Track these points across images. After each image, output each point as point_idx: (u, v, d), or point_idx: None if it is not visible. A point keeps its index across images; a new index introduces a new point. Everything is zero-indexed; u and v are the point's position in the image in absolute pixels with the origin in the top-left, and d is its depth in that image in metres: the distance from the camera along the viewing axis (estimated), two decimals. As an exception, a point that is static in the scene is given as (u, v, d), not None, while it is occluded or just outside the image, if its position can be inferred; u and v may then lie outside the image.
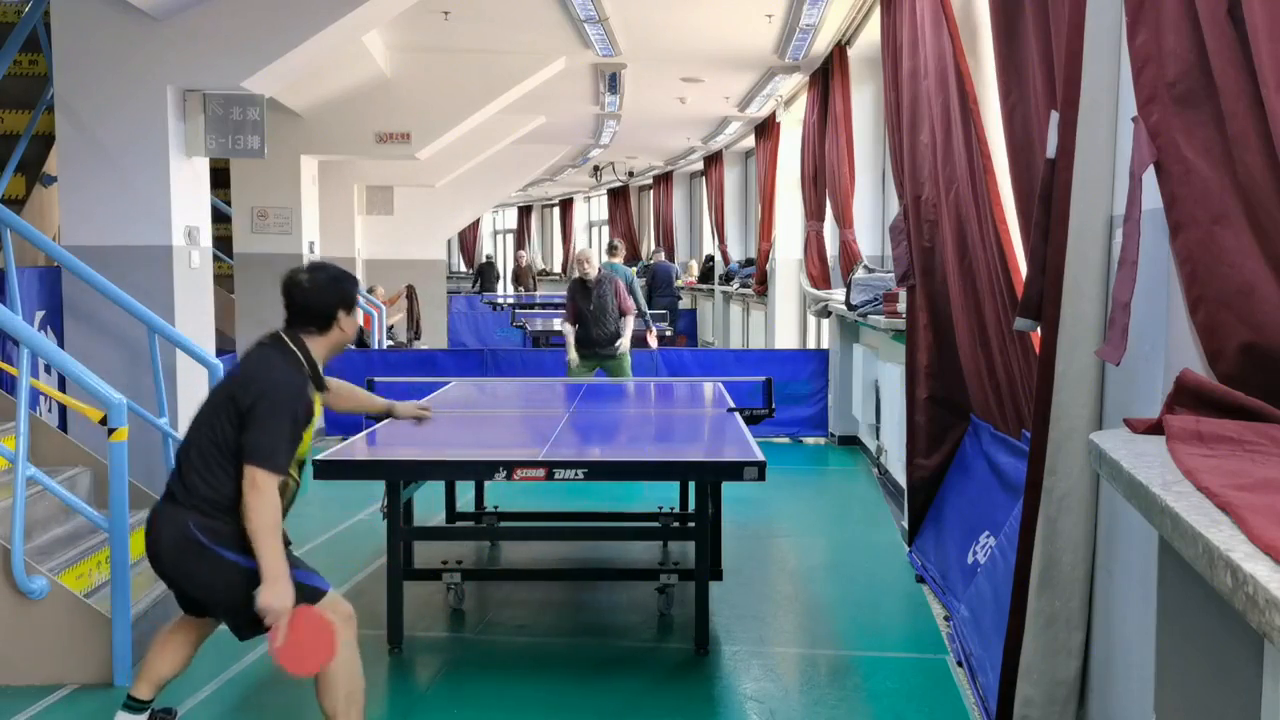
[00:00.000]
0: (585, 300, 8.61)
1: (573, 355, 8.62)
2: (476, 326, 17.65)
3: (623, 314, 8.65)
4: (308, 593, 3.26)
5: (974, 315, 4.65)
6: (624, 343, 8.66)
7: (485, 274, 23.77)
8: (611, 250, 11.41)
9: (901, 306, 6.13)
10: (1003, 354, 4.34)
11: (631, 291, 11.08)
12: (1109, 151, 2.98)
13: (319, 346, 3.46)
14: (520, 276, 24.17)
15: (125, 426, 4.27)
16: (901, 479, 6.50)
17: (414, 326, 13.95)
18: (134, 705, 3.49)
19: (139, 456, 5.61)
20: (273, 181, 9.27)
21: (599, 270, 8.77)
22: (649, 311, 11.18)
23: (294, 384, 3.31)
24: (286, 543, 3.33)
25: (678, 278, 17.28)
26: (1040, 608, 3.22)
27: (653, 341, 10.11)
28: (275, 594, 3.14)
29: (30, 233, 5.65)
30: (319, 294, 3.42)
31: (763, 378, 6.05)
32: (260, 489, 3.16)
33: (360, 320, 3.62)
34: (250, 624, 3.27)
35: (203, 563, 3.24)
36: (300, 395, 3.32)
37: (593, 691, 4.15)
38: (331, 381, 3.81)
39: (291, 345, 3.41)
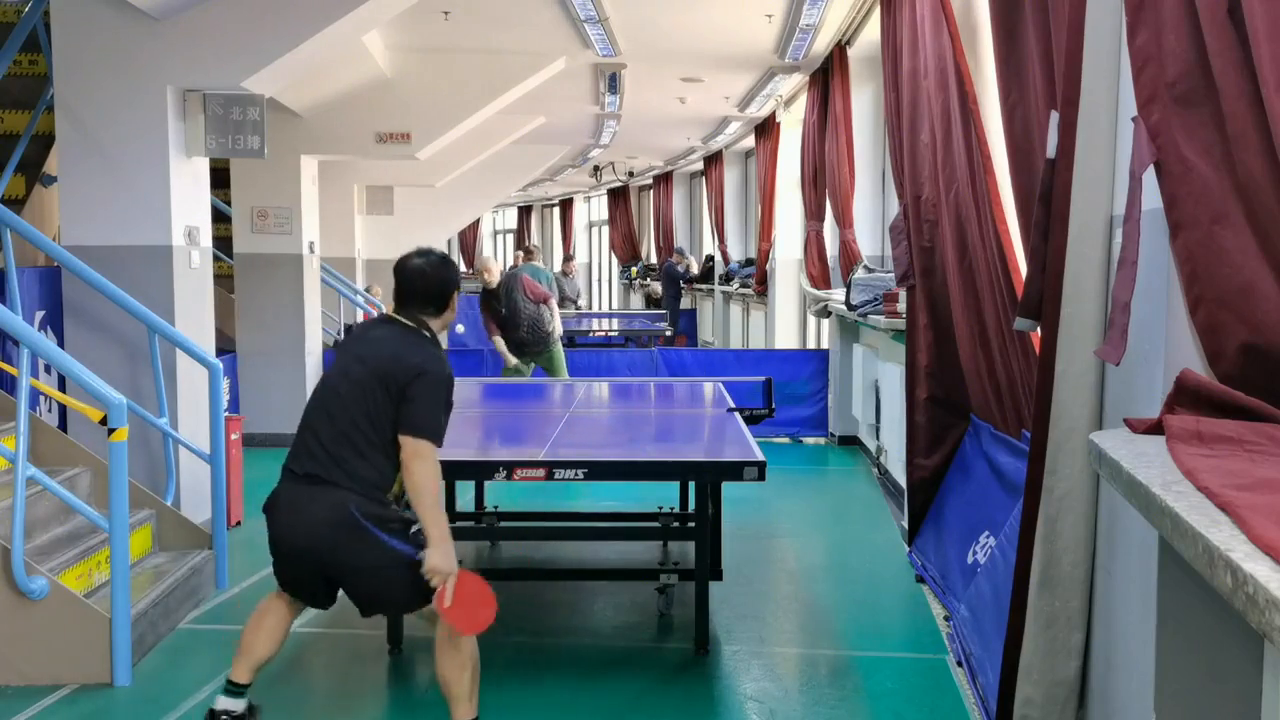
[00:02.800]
0: (497, 306, 8.76)
1: (510, 359, 8.75)
2: (477, 326, 17.61)
3: (538, 303, 8.70)
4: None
5: (974, 315, 4.64)
6: (555, 327, 8.73)
7: None
8: (528, 254, 11.51)
9: (901, 306, 6.13)
10: (1003, 354, 4.34)
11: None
12: (1109, 151, 2.97)
13: (436, 326, 3.58)
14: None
15: (125, 426, 4.27)
16: (901, 479, 6.50)
17: None
18: (234, 689, 3.53)
19: (139, 456, 5.62)
20: (273, 181, 9.25)
21: (500, 274, 8.87)
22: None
23: (444, 362, 3.46)
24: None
25: (678, 279, 17.22)
26: (1040, 608, 3.22)
27: None
28: (444, 555, 3.28)
29: (30, 233, 5.65)
30: (438, 276, 3.54)
31: (763, 378, 6.04)
32: (426, 458, 3.31)
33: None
34: (388, 606, 3.64)
35: (361, 544, 3.31)
36: (451, 374, 3.48)
37: (593, 691, 4.14)
38: None
39: (419, 328, 3.52)
